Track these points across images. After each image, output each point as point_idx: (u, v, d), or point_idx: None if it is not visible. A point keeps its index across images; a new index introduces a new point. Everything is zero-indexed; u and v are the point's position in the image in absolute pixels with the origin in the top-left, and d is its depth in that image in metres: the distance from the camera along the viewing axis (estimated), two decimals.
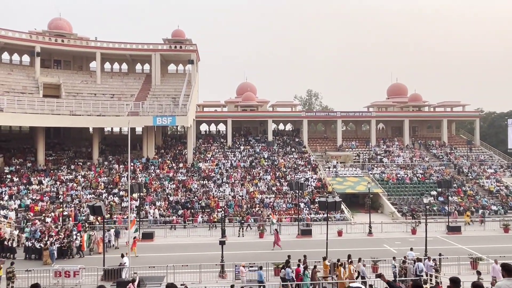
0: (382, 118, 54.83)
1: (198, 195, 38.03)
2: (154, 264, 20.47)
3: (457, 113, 56.13)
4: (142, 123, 41.56)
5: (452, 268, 20.15)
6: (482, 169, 46.74)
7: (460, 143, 54.99)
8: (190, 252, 25.52)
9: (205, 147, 49.85)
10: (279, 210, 36.09)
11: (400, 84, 62.26)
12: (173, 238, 29.79)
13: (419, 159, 49.05)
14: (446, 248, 25.19)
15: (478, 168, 46.99)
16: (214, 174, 42.63)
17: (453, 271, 19.84)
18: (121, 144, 48.34)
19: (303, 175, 42.79)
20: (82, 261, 23.07)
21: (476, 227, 32.67)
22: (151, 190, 38.41)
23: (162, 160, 44.78)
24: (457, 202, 38.75)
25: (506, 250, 23.67)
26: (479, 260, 21.70)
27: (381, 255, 21.82)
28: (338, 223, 33.36)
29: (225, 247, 21.31)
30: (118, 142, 49.23)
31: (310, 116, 53.57)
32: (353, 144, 52.63)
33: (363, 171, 45.36)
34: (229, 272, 20.49)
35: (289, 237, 30.38)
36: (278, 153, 48.83)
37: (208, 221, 33.62)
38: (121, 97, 46.04)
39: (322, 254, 21.19)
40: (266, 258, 21.89)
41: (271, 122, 52.22)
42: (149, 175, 41.28)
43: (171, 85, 49.96)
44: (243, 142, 51.62)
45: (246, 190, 39.37)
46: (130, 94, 46.95)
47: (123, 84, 49.14)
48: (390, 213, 37.29)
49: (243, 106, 53.75)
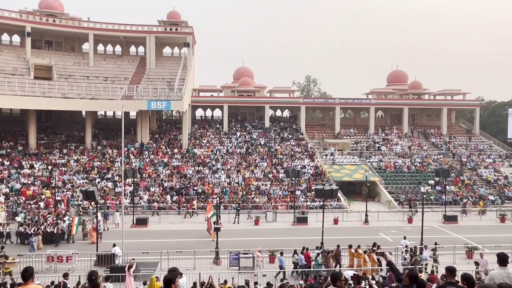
0: (381, 105, 54.87)
1: (193, 181, 38.17)
2: (148, 250, 20.66)
3: (457, 102, 56.25)
4: (136, 107, 41.36)
5: (448, 257, 20.52)
6: (481, 158, 47.14)
7: (460, 132, 55.28)
8: (185, 239, 25.76)
9: (201, 132, 49.80)
10: (275, 197, 36.35)
11: (400, 71, 62.13)
12: (167, 224, 30.00)
13: (418, 148, 49.33)
14: (442, 238, 25.63)
15: (476, 157, 47.37)
16: (210, 160, 42.71)
17: (449, 260, 20.19)
18: (114, 128, 48.16)
19: (300, 162, 42.99)
20: (74, 246, 23.23)
21: (473, 217, 33.15)
22: (145, 175, 38.48)
23: (157, 145, 44.75)
24: (454, 192, 39.19)
25: (502, 240, 24.04)
26: (475, 250, 22.09)
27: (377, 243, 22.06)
28: (334, 211, 33.72)
29: (220, 233, 21.52)
30: (112, 126, 49.03)
31: (308, 102, 53.49)
32: (351, 132, 52.76)
33: (360, 159, 45.62)
34: (224, 259, 20.75)
35: (284, 224, 30.72)
36: (275, 140, 48.90)
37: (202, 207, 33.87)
38: (115, 80, 45.68)
39: (317, 242, 21.49)
40: (261, 245, 22.12)
41: (268, 108, 52.14)
42: (143, 160, 41.31)
43: (166, 68, 49.56)
44: (239, 128, 51.60)
45: (242, 177, 39.54)
46: (124, 77, 46.57)
47: (117, 67, 48.69)
48: (387, 201, 37.69)
49: (240, 91, 53.54)
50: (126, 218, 28.73)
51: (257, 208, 34.43)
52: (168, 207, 33.64)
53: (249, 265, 19.60)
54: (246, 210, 33.13)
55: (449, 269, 6.45)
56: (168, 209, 33.45)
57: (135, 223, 29.05)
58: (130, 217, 29.95)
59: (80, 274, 15.98)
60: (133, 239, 24.62)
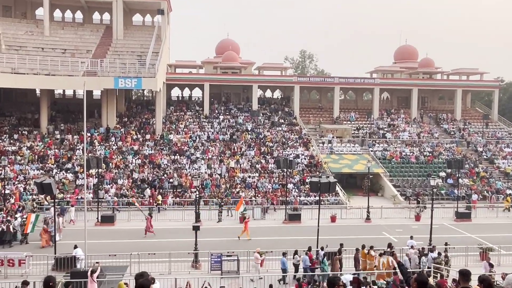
0: (387, 86, 55.24)
1: (168, 172, 38.06)
2: (115, 252, 20.59)
3: (473, 83, 56.92)
4: (101, 85, 40.87)
5: (459, 260, 21.00)
6: (499, 147, 48.04)
7: (475, 118, 56.14)
8: (158, 239, 25.76)
9: (177, 115, 49.53)
10: (264, 191, 36.51)
11: (409, 47, 62.48)
12: (137, 222, 29.92)
13: (428, 135, 49.99)
14: (453, 237, 26.13)
15: (494, 146, 48.26)
16: (188, 148, 42.58)
17: (460, 262, 20.68)
18: (75, 110, 47.56)
19: (292, 151, 43.16)
20: (29, 248, 23.00)
21: (488, 214, 33.91)
22: (111, 165, 38.21)
23: (125, 131, 44.41)
24: (468, 185, 39.93)
25: None
26: (490, 251, 22.61)
27: (379, 244, 22.44)
28: (331, 207, 34.05)
29: (200, 233, 21.55)
30: (72, 108, 48.42)
31: (303, 81, 53.49)
32: (352, 116, 53.08)
33: (362, 148, 46.00)
34: (204, 262, 20.82)
35: (274, 222, 30.94)
36: (264, 125, 48.92)
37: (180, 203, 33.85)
38: (75, 53, 44.91)
39: (311, 242, 21.72)
40: (248, 246, 22.27)
41: (256, 87, 52.00)
42: (109, 148, 41.01)
43: (136, 40, 48.89)
44: (223, 111, 51.44)
45: (225, 168, 39.54)
46: (86, 49, 45.81)
47: (78, 37, 47.81)
48: (392, 196, 38.23)
49: (224, 68, 53.23)
50: (90, 215, 28.51)
51: None
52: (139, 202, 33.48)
53: (233, 269, 19.74)
54: (231, 206, 33.19)
55: (463, 273, 6.56)
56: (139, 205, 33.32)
57: (100, 221, 28.94)
58: (94, 214, 29.75)
59: (35, 280, 15.82)
60: (97, 239, 24.48)
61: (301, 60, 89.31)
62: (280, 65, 60.27)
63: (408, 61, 60.34)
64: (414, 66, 58.14)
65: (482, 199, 38.21)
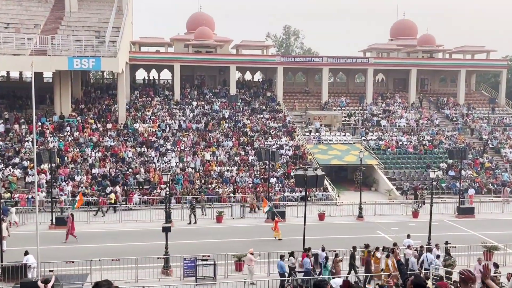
0: (382, 66, 55.89)
1: (133, 167, 37.98)
2: (73, 258, 20.57)
3: (479, 62, 58.03)
4: (52, 66, 40.29)
5: (462, 260, 21.69)
6: (506, 135, 49.31)
7: (481, 102, 57.37)
8: (123, 243, 25.80)
9: (143, 101, 49.23)
10: (243, 186, 36.78)
11: (407, 21, 63.17)
12: (99, 224, 29.85)
13: (427, 122, 50.94)
14: (454, 235, 26.92)
15: (500, 134, 49.51)
16: (156, 138, 42.48)
17: (463, 262, 21.38)
18: (22, 95, 46.85)
19: (275, 141, 43.48)
20: None
21: (493, 209, 34.92)
22: (67, 159, 37.92)
23: (83, 119, 44.01)
24: (471, 178, 40.97)
25: None
26: (495, 250, 23.42)
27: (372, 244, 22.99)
28: (319, 204, 34.56)
29: (171, 235, 21.70)
30: (18, 93, 47.68)
31: (287, 62, 53.68)
32: (342, 101, 53.62)
33: (354, 137, 46.63)
34: (176, 268, 21.01)
35: (255, 221, 31.27)
36: (243, 112, 49.05)
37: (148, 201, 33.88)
38: (20, 27, 44.04)
39: (297, 242, 22.09)
40: (226, 248, 22.54)
41: (234, 69, 51.98)
42: (64, 139, 40.63)
43: (93, 12, 48.21)
44: (196, 96, 51.31)
45: (199, 161, 39.62)
46: (33, 24, 44.99)
47: (23, 9, 46.83)
48: (387, 191, 38.97)
49: (196, 46, 52.99)
50: (42, 217, 28.32)
51: (219, 201, 34.76)
52: (98, 201, 33.39)
53: (209, 275, 19.99)
54: (207, 204, 33.38)
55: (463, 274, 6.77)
56: (100, 204, 33.22)
57: (54, 224, 28.74)
58: (47, 215, 29.53)
59: None
60: (52, 245, 24.38)
61: (285, 38, 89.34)
62: (261, 43, 60.29)
63: (406, 38, 61.05)
64: (413, 44, 58.88)
65: (487, 193, 39.34)
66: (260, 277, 19.99)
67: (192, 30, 56.60)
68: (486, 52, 58.12)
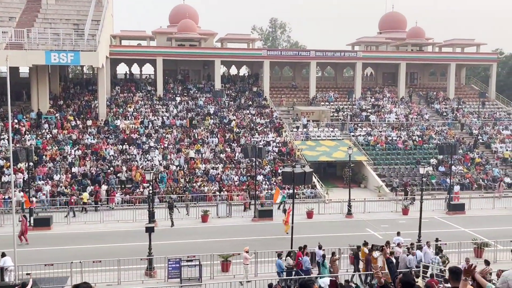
0: (370, 60, 56.17)
1: (115, 165, 37.76)
2: (53, 260, 20.39)
3: (469, 56, 58.58)
4: (29, 60, 39.88)
5: (452, 257, 21.93)
6: (496, 130, 49.93)
7: (471, 96, 57.99)
8: (105, 244, 25.63)
9: (125, 97, 48.93)
10: (229, 184, 36.75)
11: (396, 14, 63.54)
12: (79, 224, 29.66)
13: (417, 117, 51.35)
14: (445, 232, 27.24)
15: (491, 129, 50.11)
16: (139, 135, 42.26)
17: (453, 260, 21.61)
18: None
19: (262, 138, 43.52)
20: None
21: (484, 205, 35.36)
22: (45, 158, 37.56)
23: (62, 116, 43.63)
24: (461, 173, 41.44)
25: None
26: (485, 247, 23.77)
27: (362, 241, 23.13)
28: (307, 202, 34.68)
29: (155, 235, 21.61)
30: None
31: (274, 55, 53.67)
32: (331, 96, 53.80)
33: (342, 133, 46.83)
34: (160, 269, 20.95)
35: (242, 220, 31.29)
36: (229, 108, 48.98)
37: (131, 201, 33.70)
38: None
39: (285, 241, 22.14)
40: (212, 248, 22.52)
41: (219, 63, 51.85)
42: (42, 136, 40.26)
43: (71, 5, 47.74)
44: (180, 91, 51.12)
45: (183, 158, 39.51)
46: (8, 16, 44.43)
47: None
48: (376, 187, 39.24)
49: (179, 40, 52.74)
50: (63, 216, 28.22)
51: (205, 199, 34.71)
52: (79, 201, 33.17)
53: (195, 276, 19.95)
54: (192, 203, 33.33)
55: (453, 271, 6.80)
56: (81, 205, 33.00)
57: (32, 225, 28.48)
58: None
59: None
60: (30, 247, 24.20)
61: (272, 31, 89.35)
62: (246, 36, 60.18)
63: (395, 31, 61.40)
64: (402, 37, 59.25)
65: (477, 189, 39.83)
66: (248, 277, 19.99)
67: (175, 23, 56.28)
68: (476, 45, 58.71)
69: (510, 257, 22.11)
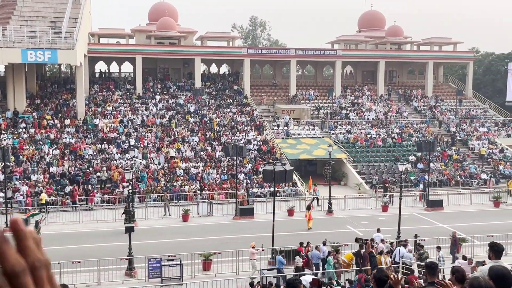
0: (350, 58, 56.60)
1: (94, 164, 37.42)
2: None
3: (446, 54, 59.57)
4: (4, 58, 39.31)
5: (431, 253, 22.23)
6: (473, 127, 50.78)
7: (448, 94, 58.88)
8: (84, 244, 25.42)
9: (104, 96, 48.49)
10: (210, 183, 36.70)
11: (375, 12, 64.17)
12: (57, 225, 29.34)
13: (396, 115, 51.92)
14: (423, 228, 27.67)
15: (468, 126, 50.94)
16: (118, 134, 41.94)
17: (432, 255, 21.91)
18: None
19: (243, 136, 43.53)
20: None
21: (461, 201, 35.98)
22: (22, 158, 37.06)
23: (39, 115, 43.09)
24: (439, 170, 42.05)
25: (495, 228, 26.42)
26: (463, 242, 24.18)
27: (342, 239, 23.33)
28: (288, 199, 34.81)
29: (134, 235, 21.49)
30: None
31: (254, 54, 53.73)
32: (311, 95, 54.05)
33: (323, 131, 47.11)
34: (140, 269, 20.84)
35: (223, 219, 31.29)
36: (209, 106, 48.87)
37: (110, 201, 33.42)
38: None
39: (267, 239, 22.20)
40: (194, 247, 22.48)
41: (199, 61, 51.69)
42: (18, 136, 39.73)
43: (48, 2, 47.10)
44: (160, 90, 50.83)
45: (163, 157, 39.30)
46: None
47: None
48: (356, 185, 39.60)
49: (159, 38, 52.43)
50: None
51: (185, 198, 34.61)
52: (58, 201, 32.81)
53: (175, 275, 19.89)
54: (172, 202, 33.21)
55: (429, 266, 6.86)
56: (59, 205, 32.66)
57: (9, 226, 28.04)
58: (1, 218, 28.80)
59: None
60: None
61: (252, 29, 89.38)
62: (226, 34, 60.11)
63: (374, 29, 61.99)
64: (381, 35, 59.85)
65: (455, 185, 40.49)
66: (229, 276, 19.98)
67: (154, 20, 55.92)
68: (453, 44, 59.65)
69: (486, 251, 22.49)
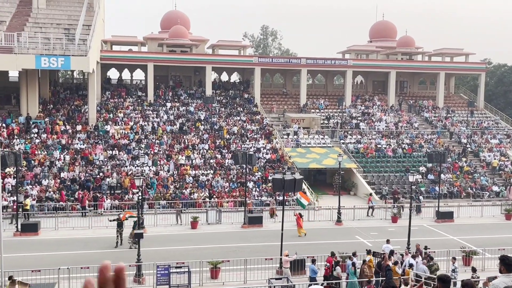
0: (361, 68, 56.55)
1: (104, 170, 37.56)
2: (40, 266, 20.21)
3: (458, 65, 59.24)
4: (18, 65, 39.67)
5: (441, 265, 22.00)
6: (484, 139, 50.36)
7: (460, 105, 58.51)
8: (93, 250, 25.46)
9: (115, 102, 48.76)
10: (219, 191, 36.67)
11: (387, 23, 64.08)
12: (67, 230, 29.43)
13: (407, 125, 51.66)
14: (433, 240, 27.37)
15: (479, 137, 50.54)
16: (129, 141, 42.11)
17: (442, 267, 21.69)
18: None
19: (253, 144, 43.52)
20: None
21: (472, 213, 35.60)
22: (34, 163, 37.30)
23: (51, 120, 43.37)
24: (450, 182, 41.69)
25: (506, 241, 26.12)
26: (473, 255, 23.92)
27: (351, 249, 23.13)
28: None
29: (144, 241, 21.50)
30: None
31: (265, 62, 53.83)
32: (321, 104, 53.98)
33: (333, 140, 46.97)
34: (149, 276, 20.80)
35: (232, 227, 31.22)
36: (220, 114, 48.96)
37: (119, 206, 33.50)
38: None
39: (276, 248, 22.08)
40: (202, 255, 22.43)
41: (210, 69, 51.89)
42: (30, 141, 39.97)
43: (62, 9, 47.63)
44: (171, 97, 51.05)
45: (173, 164, 39.37)
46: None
47: None
48: (366, 195, 39.30)
49: (171, 46, 52.74)
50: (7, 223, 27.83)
51: (194, 206, 34.61)
52: (68, 207, 32.93)
53: (183, 283, 19.82)
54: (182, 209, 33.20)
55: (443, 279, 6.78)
56: (69, 210, 32.78)
57: (20, 230, 28.24)
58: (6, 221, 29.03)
59: None
60: (18, 252, 23.93)
61: (263, 38, 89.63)
62: (238, 43, 60.34)
63: (386, 39, 61.90)
64: (392, 46, 59.73)
65: (466, 197, 40.12)
66: (237, 285, 19.91)
67: (166, 29, 56.33)
68: (465, 55, 59.36)
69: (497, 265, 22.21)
